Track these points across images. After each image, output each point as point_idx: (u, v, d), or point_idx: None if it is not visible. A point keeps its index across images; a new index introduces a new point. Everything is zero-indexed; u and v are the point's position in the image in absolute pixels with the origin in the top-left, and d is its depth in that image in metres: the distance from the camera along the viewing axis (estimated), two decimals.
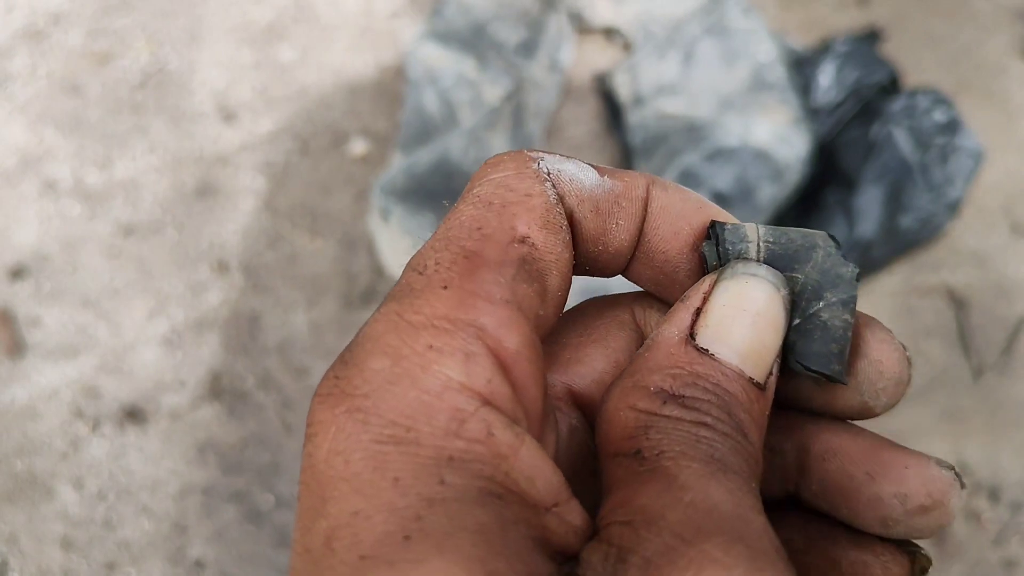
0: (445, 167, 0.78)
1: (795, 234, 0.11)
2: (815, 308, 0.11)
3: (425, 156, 0.76)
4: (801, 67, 0.86)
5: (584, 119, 0.94)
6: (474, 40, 0.94)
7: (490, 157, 0.11)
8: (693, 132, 0.80)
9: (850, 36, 0.88)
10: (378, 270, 0.81)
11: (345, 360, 0.09)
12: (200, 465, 0.70)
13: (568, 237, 0.11)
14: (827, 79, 0.85)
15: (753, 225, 0.11)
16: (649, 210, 0.11)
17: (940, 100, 0.79)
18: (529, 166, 0.11)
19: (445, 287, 0.09)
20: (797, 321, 0.11)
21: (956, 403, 0.76)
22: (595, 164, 0.11)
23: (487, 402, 0.09)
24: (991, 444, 0.74)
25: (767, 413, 0.11)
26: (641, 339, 0.12)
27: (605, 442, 0.10)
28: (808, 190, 0.81)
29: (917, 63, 1.00)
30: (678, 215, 0.11)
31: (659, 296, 0.12)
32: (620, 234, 0.11)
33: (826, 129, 0.84)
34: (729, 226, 0.11)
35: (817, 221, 0.79)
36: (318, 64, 0.97)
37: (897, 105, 0.80)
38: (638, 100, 0.89)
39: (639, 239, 0.11)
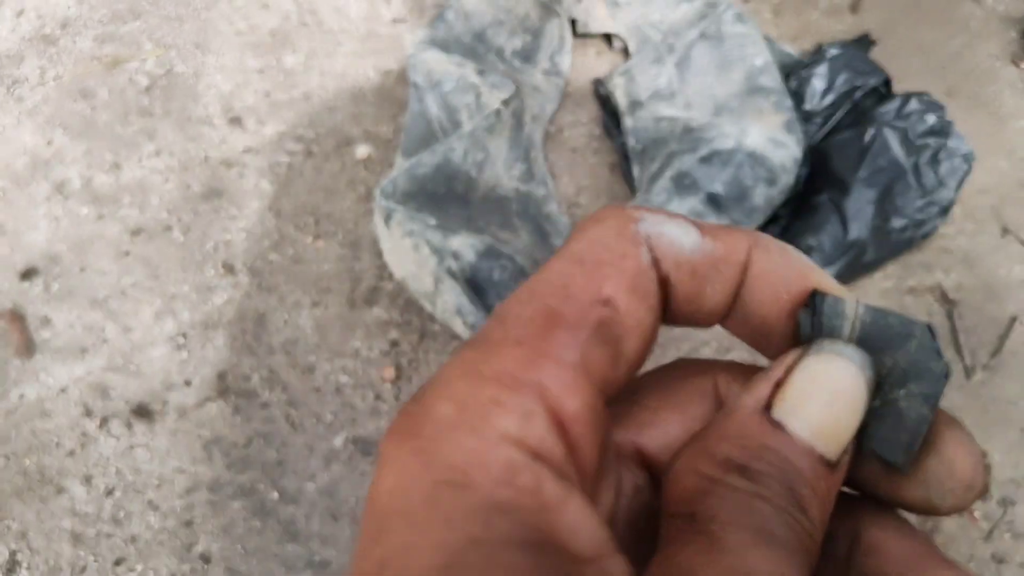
0: (446, 170, 0.79)
1: (894, 319, 0.11)
2: (895, 395, 0.11)
3: (426, 159, 0.78)
4: (795, 72, 0.88)
5: (583, 123, 0.95)
6: (475, 46, 0.96)
7: (597, 210, 0.11)
8: (689, 135, 0.82)
9: (843, 42, 0.90)
10: (381, 271, 0.83)
11: (418, 399, 0.10)
12: (207, 462, 0.71)
13: (655, 302, 0.11)
14: (820, 84, 0.86)
15: (854, 302, 0.11)
16: (749, 274, 0.11)
17: (932, 104, 0.81)
18: (628, 227, 0.11)
19: (519, 343, 0.10)
20: (876, 403, 0.11)
21: (948, 402, 0.77)
22: (700, 223, 0.11)
23: (539, 457, 0.09)
24: (982, 442, 0.75)
25: (835, 492, 0.11)
26: (719, 410, 0.12)
27: (666, 502, 0.10)
28: (801, 192, 0.82)
29: (908, 69, 1.02)
30: (778, 281, 0.11)
31: (757, 351, 0.12)
32: (715, 297, 0.11)
33: (819, 133, 0.86)
34: (830, 299, 0.11)
35: (811, 223, 0.80)
36: (322, 69, 0.99)
37: (889, 109, 0.82)
38: (635, 104, 0.91)
39: (736, 301, 0.11)
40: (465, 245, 0.74)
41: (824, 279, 0.12)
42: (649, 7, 0.96)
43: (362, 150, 0.91)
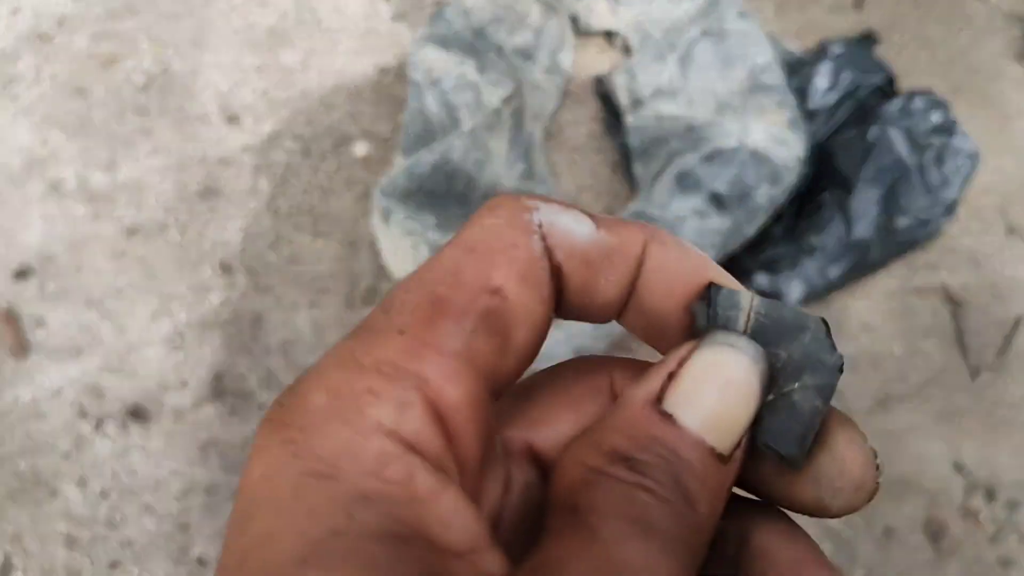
0: (446, 169, 0.79)
1: (788, 312, 0.11)
2: (790, 388, 0.11)
3: (426, 158, 0.77)
4: (798, 70, 0.87)
5: (584, 121, 0.94)
6: (474, 43, 0.95)
7: (491, 199, 0.11)
8: (691, 134, 0.81)
9: (846, 39, 0.89)
10: (380, 270, 0.82)
11: (292, 389, 0.10)
12: (203, 464, 0.71)
13: (547, 293, 0.11)
14: (824, 81, 0.85)
15: (748, 294, 0.11)
16: (644, 268, 0.11)
17: (936, 102, 0.80)
18: (522, 216, 0.11)
19: (401, 332, 0.10)
20: (770, 398, 0.11)
21: (953, 403, 0.77)
22: (596, 215, 0.11)
23: (413, 449, 0.09)
24: (988, 444, 0.75)
25: (728, 486, 0.10)
26: None
27: (551, 495, 0.10)
28: (805, 191, 0.82)
29: (913, 66, 1.01)
30: (673, 274, 0.11)
31: (652, 347, 0.12)
32: (609, 289, 0.11)
33: (823, 131, 0.85)
34: (724, 291, 0.11)
35: (814, 222, 0.79)
36: (320, 67, 0.98)
37: (894, 107, 0.81)
38: (637, 102, 0.90)
39: (631, 294, 0.11)
40: None
41: (720, 274, 0.12)
42: (651, 4, 0.96)
43: (361, 149, 0.91)
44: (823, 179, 0.81)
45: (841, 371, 0.11)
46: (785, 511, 0.12)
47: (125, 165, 0.89)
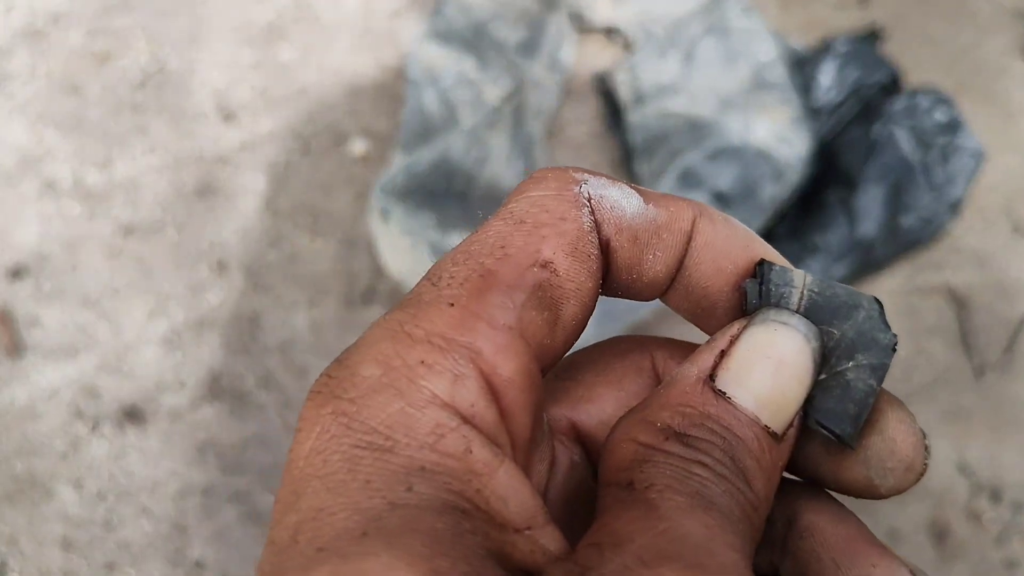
0: (445, 167, 0.78)
1: (841, 290, 0.11)
2: (843, 367, 0.11)
3: (425, 156, 0.76)
4: (802, 67, 0.86)
5: (585, 118, 0.94)
6: (474, 40, 0.94)
7: (536, 171, 0.11)
8: (694, 131, 0.80)
9: (850, 36, 0.89)
10: (379, 270, 0.81)
11: (341, 361, 0.09)
12: (200, 465, 0.70)
13: (596, 267, 0.11)
14: (828, 79, 0.85)
15: (802, 273, 0.11)
16: (692, 244, 0.11)
17: (941, 100, 0.80)
18: (570, 188, 0.10)
19: (452, 304, 0.09)
20: (823, 377, 0.11)
21: (958, 403, 0.76)
22: (643, 189, 0.11)
23: (469, 421, 0.09)
24: (993, 444, 0.74)
25: (781, 465, 0.10)
26: (657, 386, 0.12)
27: (603, 472, 0.10)
28: (809, 190, 0.81)
29: (917, 63, 1.00)
30: (723, 251, 0.11)
31: (697, 327, 0.12)
32: (656, 265, 0.11)
33: (827, 129, 0.84)
34: (777, 267, 0.11)
35: (818, 220, 0.79)
36: (318, 64, 0.97)
37: (898, 105, 0.80)
38: (639, 99, 0.89)
39: (679, 271, 0.11)
40: None
41: (770, 251, 0.11)
42: (653, 0, 0.95)
43: (359, 147, 0.90)
44: (827, 177, 0.81)
45: (895, 350, 0.11)
46: (831, 492, 0.12)
47: (121, 163, 0.88)
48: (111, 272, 0.80)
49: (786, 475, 0.11)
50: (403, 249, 0.72)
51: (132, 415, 0.72)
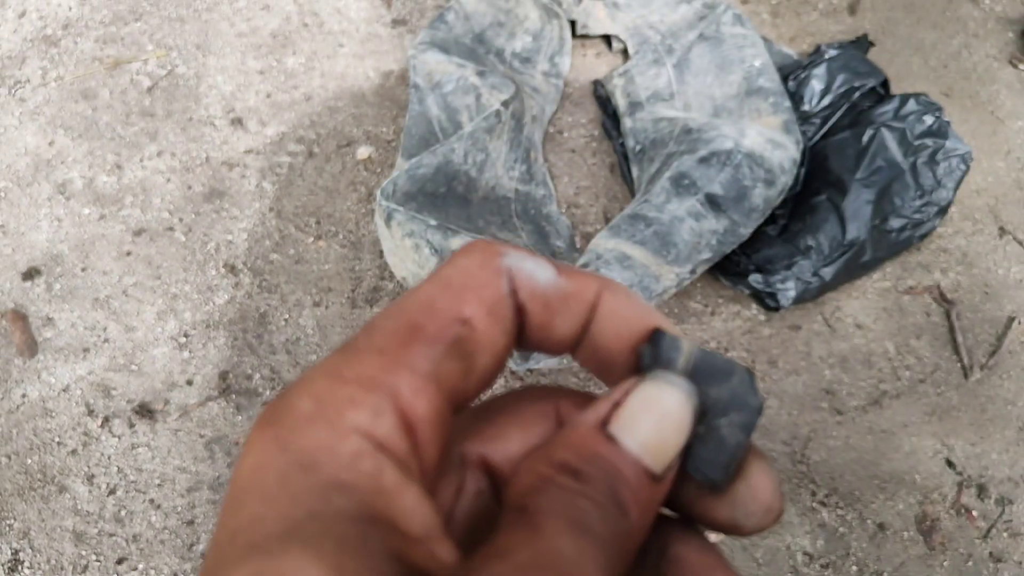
0: (446, 171, 0.80)
1: (720, 360, 0.13)
2: (718, 423, 0.12)
3: (427, 160, 0.78)
4: (793, 73, 0.88)
5: (582, 124, 0.96)
6: (475, 47, 0.96)
7: (467, 243, 0.13)
8: (688, 136, 0.82)
9: (841, 43, 0.91)
10: (383, 271, 0.83)
11: (282, 395, 0.11)
12: (208, 461, 0.72)
13: (510, 327, 0.12)
14: (819, 84, 0.87)
15: (688, 341, 0.13)
16: (597, 312, 0.13)
17: (929, 105, 0.81)
18: (493, 259, 0.12)
19: (381, 352, 0.11)
20: (700, 430, 0.12)
21: (945, 401, 0.78)
22: (557, 263, 0.13)
23: (384, 449, 0.10)
24: (979, 441, 0.76)
25: (658, 500, 0.12)
26: (559, 429, 0.14)
27: (506, 497, 0.12)
28: (800, 193, 0.83)
29: (906, 69, 1.02)
30: (623, 320, 0.13)
31: (600, 380, 0.14)
32: (565, 328, 0.13)
33: (817, 133, 0.86)
34: (668, 336, 0.13)
35: (808, 223, 0.80)
36: (323, 70, 0.99)
37: (887, 110, 0.82)
38: (634, 105, 0.91)
39: (584, 334, 0.13)
40: None
41: (664, 321, 0.13)
42: (648, 9, 0.97)
43: (363, 151, 0.92)
44: (817, 180, 0.82)
45: (761, 412, 0.12)
46: (702, 529, 0.13)
47: (131, 167, 0.90)
48: (121, 273, 0.82)
49: (665, 512, 0.13)
50: (405, 250, 0.74)
51: (142, 412, 0.74)
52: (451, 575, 0.10)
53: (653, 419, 0.12)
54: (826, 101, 0.87)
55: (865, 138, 0.81)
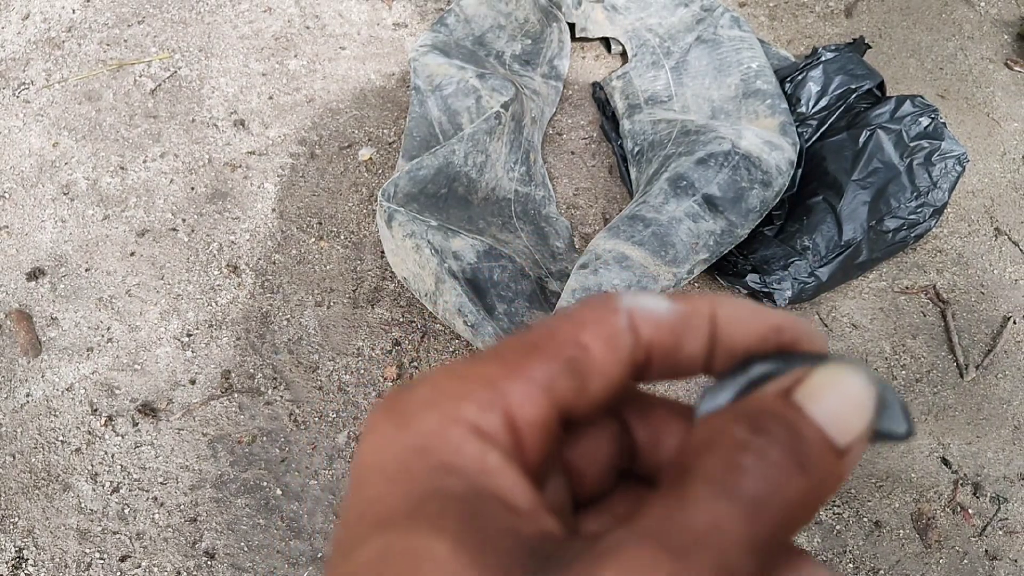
0: (447, 172, 0.80)
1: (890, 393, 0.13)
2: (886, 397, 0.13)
3: (428, 161, 0.79)
4: (790, 75, 0.89)
5: (582, 126, 0.96)
6: (475, 50, 0.97)
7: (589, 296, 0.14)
8: (686, 138, 0.83)
9: (838, 45, 0.91)
10: (384, 271, 0.83)
11: (406, 385, 0.13)
12: (211, 459, 0.72)
13: (626, 357, 0.13)
14: (815, 87, 0.87)
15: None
16: (719, 322, 0.13)
17: (925, 106, 0.82)
18: (611, 301, 0.13)
19: (500, 360, 0.12)
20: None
21: (941, 400, 0.78)
22: (670, 295, 0.14)
23: (487, 439, 0.11)
24: (975, 440, 0.76)
25: (836, 480, 0.11)
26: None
27: (678, 453, 0.12)
28: (796, 194, 0.83)
29: (902, 71, 1.03)
30: (745, 322, 0.13)
31: None
32: (694, 346, 0.13)
33: (814, 135, 0.87)
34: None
35: (805, 224, 0.81)
36: (325, 73, 1.00)
37: (883, 111, 0.83)
38: (633, 107, 0.92)
39: (713, 348, 0.13)
40: (466, 246, 0.74)
41: (784, 316, 0.14)
42: (647, 12, 0.98)
43: (365, 152, 0.92)
44: (814, 182, 0.83)
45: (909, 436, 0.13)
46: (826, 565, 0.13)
47: (134, 168, 0.91)
48: (125, 273, 0.83)
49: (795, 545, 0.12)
50: (407, 251, 0.74)
51: (146, 411, 0.74)
52: (565, 544, 0.10)
53: (838, 394, 0.12)
54: (823, 103, 0.87)
55: (861, 140, 0.81)
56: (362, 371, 0.77)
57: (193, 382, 0.76)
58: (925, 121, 0.81)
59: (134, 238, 0.85)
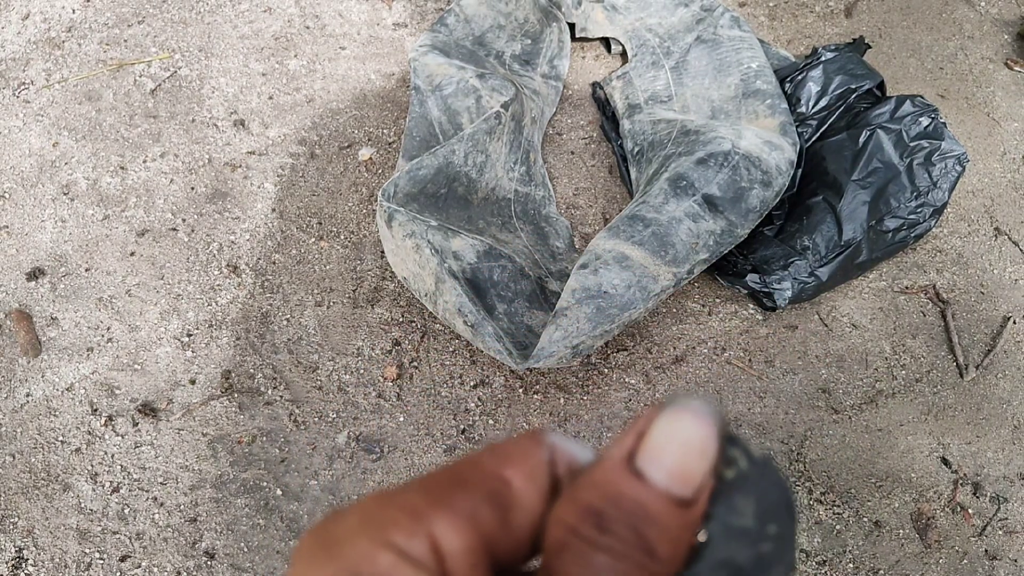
0: (447, 172, 0.80)
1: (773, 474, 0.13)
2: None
3: (428, 161, 0.79)
4: (790, 75, 0.89)
5: (581, 126, 0.96)
6: (475, 50, 0.97)
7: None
8: (686, 138, 0.83)
9: (838, 45, 0.91)
10: (384, 271, 0.84)
11: (337, 511, 0.13)
12: (211, 459, 0.72)
13: (545, 490, 0.14)
14: (815, 87, 0.87)
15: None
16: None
17: (925, 106, 0.82)
18: (538, 437, 0.14)
19: (427, 490, 0.13)
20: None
21: (941, 400, 0.78)
22: (600, 450, 0.14)
23: (416, 564, 0.12)
24: (975, 440, 0.76)
25: (691, 526, 0.12)
26: None
27: (543, 554, 0.13)
28: (796, 194, 0.83)
29: (902, 72, 1.03)
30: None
31: None
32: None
33: (814, 135, 0.87)
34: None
35: (805, 224, 0.81)
36: (325, 73, 1.00)
37: (883, 111, 0.83)
38: (633, 107, 0.92)
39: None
40: (465, 246, 0.75)
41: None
42: (647, 12, 0.98)
43: (364, 152, 0.92)
44: (814, 181, 0.83)
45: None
46: None
47: (134, 168, 0.91)
48: (125, 273, 0.83)
49: None
50: (407, 251, 0.74)
51: (146, 411, 0.74)
52: None
53: (678, 445, 0.12)
54: (823, 103, 0.87)
55: (861, 139, 0.81)
56: (362, 371, 0.77)
57: (193, 382, 0.76)
58: (925, 121, 0.81)
59: (134, 238, 0.85)
